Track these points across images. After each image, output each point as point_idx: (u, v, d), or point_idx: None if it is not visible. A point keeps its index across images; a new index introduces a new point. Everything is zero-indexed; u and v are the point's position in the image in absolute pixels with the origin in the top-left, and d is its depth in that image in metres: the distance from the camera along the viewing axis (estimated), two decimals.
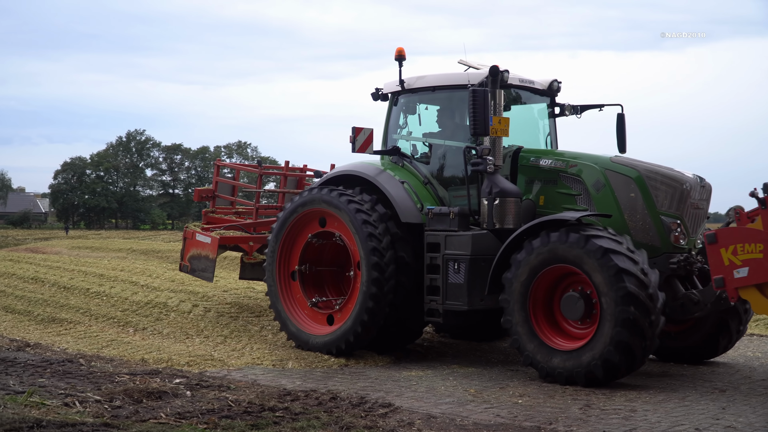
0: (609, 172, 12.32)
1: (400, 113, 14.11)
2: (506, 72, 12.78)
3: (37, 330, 15.45)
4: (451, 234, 12.59)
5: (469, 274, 12.32)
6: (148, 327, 15.42)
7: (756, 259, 10.52)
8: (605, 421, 9.34)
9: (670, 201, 12.14)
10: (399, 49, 13.66)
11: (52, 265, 21.93)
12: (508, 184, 12.56)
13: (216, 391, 10.31)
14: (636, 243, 11.88)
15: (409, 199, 13.23)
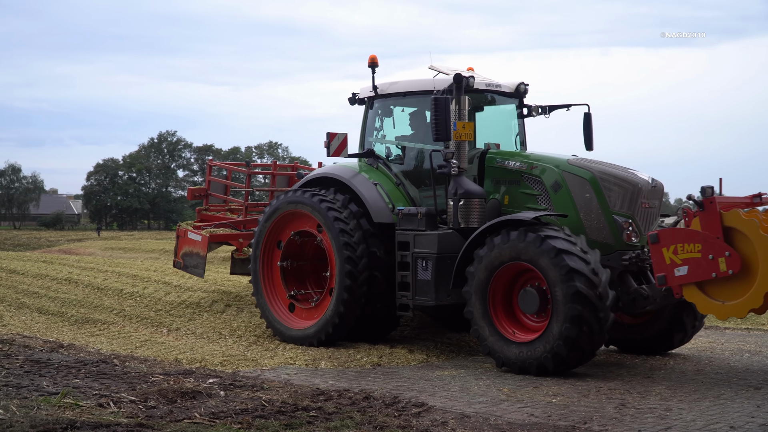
0: (566, 173, 12.94)
1: (375, 117, 14.76)
2: (471, 78, 13.38)
3: (71, 331, 15.56)
4: (419, 233, 13.38)
5: (436, 271, 13.12)
6: (182, 327, 15.50)
7: (694, 258, 11.20)
8: (640, 420, 9.29)
9: (622, 201, 12.74)
10: (372, 56, 14.35)
11: (86, 266, 22.07)
12: (473, 185, 13.26)
13: (249, 390, 10.33)
14: (591, 241, 12.50)
15: (381, 199, 14.00)
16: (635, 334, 13.90)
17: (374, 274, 13.81)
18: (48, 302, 17.80)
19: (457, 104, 13.17)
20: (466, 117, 13.22)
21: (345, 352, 13.39)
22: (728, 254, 11.02)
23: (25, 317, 16.73)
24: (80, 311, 16.88)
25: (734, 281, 11.09)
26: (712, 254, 11.12)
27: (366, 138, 14.87)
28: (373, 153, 14.66)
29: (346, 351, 13.48)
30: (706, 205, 11.22)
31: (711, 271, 11.13)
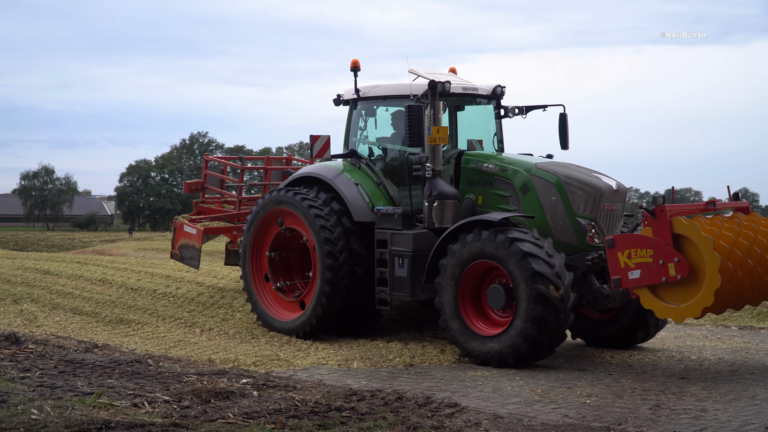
0: (534, 177, 13.54)
1: (359, 118, 15.41)
2: (447, 83, 14.02)
3: (105, 331, 15.64)
4: (396, 232, 14.06)
5: (411, 268, 13.80)
6: (215, 327, 15.56)
7: (646, 262, 11.68)
8: (675, 421, 9.23)
9: (585, 204, 13.28)
10: (354, 60, 15.03)
11: (119, 267, 22.19)
12: (447, 187, 13.93)
13: (282, 391, 10.35)
14: (556, 242, 13.10)
15: (362, 199, 14.67)
16: (601, 329, 14.53)
17: (354, 270, 14.47)
18: (82, 303, 17.91)
19: (433, 109, 13.71)
20: (441, 122, 13.78)
21: (377, 353, 13.39)
22: (677, 260, 11.47)
23: (59, 318, 16.84)
24: (114, 311, 16.97)
25: (684, 285, 11.53)
26: (663, 259, 11.56)
27: (350, 138, 15.47)
28: (355, 153, 15.25)
29: (378, 351, 13.49)
30: (657, 213, 11.70)
31: (661, 275, 11.59)
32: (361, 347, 13.85)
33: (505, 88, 15.24)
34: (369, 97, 15.18)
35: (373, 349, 13.65)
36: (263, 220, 15.59)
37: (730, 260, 11.53)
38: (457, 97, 14.90)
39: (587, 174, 13.56)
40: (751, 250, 11.96)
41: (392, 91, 14.91)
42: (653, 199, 11.96)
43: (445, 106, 14.20)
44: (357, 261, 14.50)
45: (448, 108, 15.06)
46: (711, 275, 11.25)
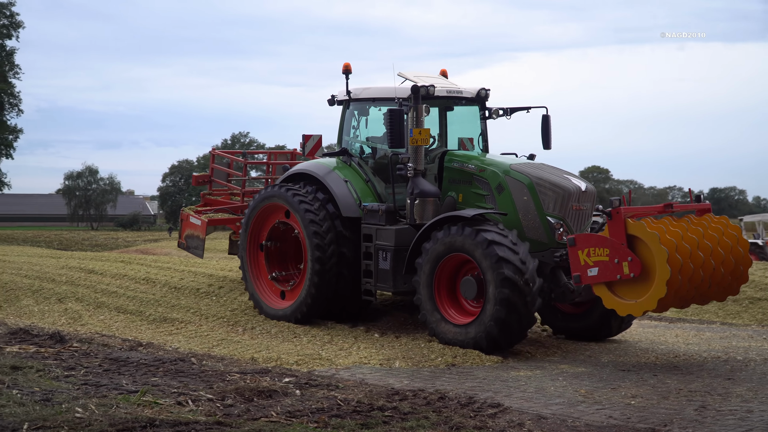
0: (508, 177, 14.34)
1: (351, 118, 16.28)
2: (431, 87, 14.80)
3: (149, 330, 15.74)
4: (380, 227, 15.02)
5: (394, 261, 14.72)
6: (257, 326, 15.61)
7: (603, 261, 12.46)
8: (721, 422, 9.13)
9: (554, 204, 14.05)
10: (346, 64, 15.90)
11: (163, 266, 22.33)
12: (428, 186, 14.78)
13: (325, 390, 10.36)
14: (527, 239, 13.92)
15: (350, 195, 15.61)
16: (575, 322, 15.26)
17: (342, 262, 15.48)
18: (126, 301, 18.03)
19: (415, 113, 14.52)
20: (423, 124, 14.55)
21: (419, 352, 13.37)
22: (630, 259, 12.22)
23: (103, 316, 16.96)
24: (158, 310, 17.08)
25: (637, 282, 12.28)
26: (618, 258, 12.32)
27: (343, 137, 16.38)
28: (346, 151, 16.16)
29: (420, 351, 13.47)
30: (613, 215, 12.43)
31: (616, 273, 12.34)
32: (402, 347, 13.83)
33: (489, 91, 16.06)
34: (360, 98, 16.04)
35: (415, 349, 13.62)
36: (259, 214, 16.65)
37: (679, 253, 12.16)
38: (442, 100, 15.67)
39: (558, 175, 14.32)
40: (701, 243, 12.61)
41: (380, 93, 15.74)
42: (610, 202, 12.64)
43: (428, 108, 14.79)
44: (345, 254, 15.48)
45: (438, 109, 16.00)
46: (660, 267, 11.93)
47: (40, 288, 19.48)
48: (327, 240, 15.41)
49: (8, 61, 63.91)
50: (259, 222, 16.77)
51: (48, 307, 17.91)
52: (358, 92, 16.06)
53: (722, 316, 19.39)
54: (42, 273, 21.51)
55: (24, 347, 12.90)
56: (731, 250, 13.13)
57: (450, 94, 15.65)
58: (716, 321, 18.85)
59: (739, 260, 13.25)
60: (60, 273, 21.49)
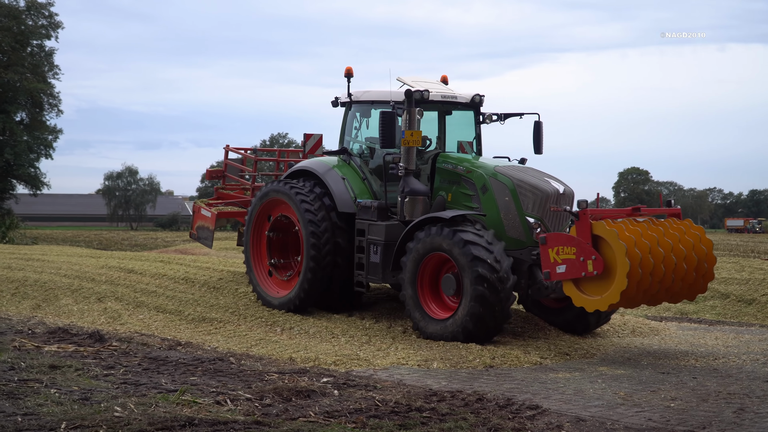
0: (492, 179, 15.21)
1: (353, 119, 17.25)
2: (426, 92, 15.71)
3: (188, 329, 15.82)
4: (372, 223, 16.02)
5: (383, 255, 15.72)
6: (295, 326, 15.65)
7: (571, 259, 13.31)
8: (759, 424, 9.07)
9: (533, 205, 14.88)
10: (348, 68, 16.86)
11: (202, 266, 22.42)
12: (418, 185, 15.71)
13: (363, 390, 10.37)
14: (508, 238, 14.87)
15: (347, 192, 16.60)
16: (555, 316, 16.05)
17: (337, 255, 16.47)
18: (165, 301, 18.13)
19: (408, 116, 15.41)
20: (415, 126, 15.42)
21: (457, 353, 13.36)
22: (594, 258, 13.07)
23: (143, 316, 17.07)
24: (197, 310, 17.16)
25: (600, 280, 13.14)
26: (583, 257, 13.17)
27: (344, 137, 17.36)
28: (346, 150, 17.13)
29: (458, 352, 13.46)
30: (580, 216, 13.31)
31: (581, 270, 13.20)
32: (440, 347, 13.83)
33: (483, 96, 16.89)
34: (360, 101, 17.04)
35: (453, 350, 13.61)
36: (262, 208, 17.73)
37: (638, 248, 12.99)
38: (437, 104, 16.64)
39: (539, 178, 15.18)
40: (661, 241, 13.44)
41: (378, 96, 16.75)
42: (578, 203, 13.56)
43: (421, 111, 15.69)
44: (340, 247, 16.49)
45: (437, 113, 17.04)
46: (620, 261, 12.82)
47: (79, 287, 19.63)
48: (322, 233, 16.38)
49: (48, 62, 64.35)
50: (262, 215, 17.83)
51: (87, 306, 18.04)
52: (359, 95, 17.07)
53: (761, 319, 19.22)
54: (81, 272, 21.68)
55: (63, 346, 13.01)
56: (693, 247, 13.88)
57: (445, 99, 16.51)
58: (755, 323, 18.69)
59: (702, 257, 13.96)
60: (99, 272, 21.65)
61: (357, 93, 17.12)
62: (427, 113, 16.83)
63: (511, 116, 17.06)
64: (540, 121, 16.90)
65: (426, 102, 15.90)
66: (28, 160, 62.11)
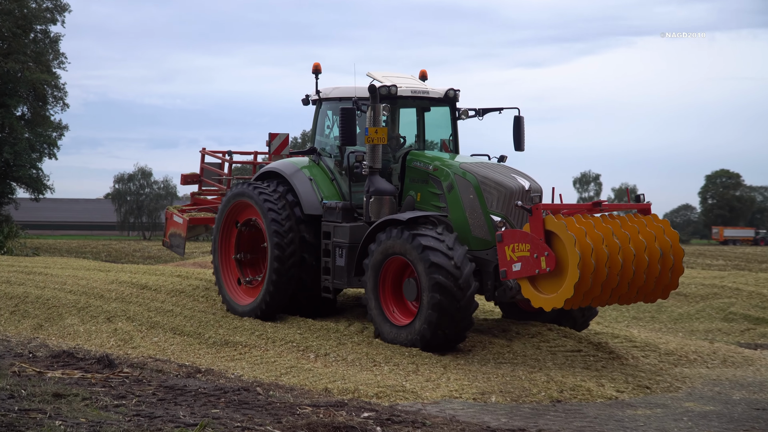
0: (457, 177, 16.39)
1: (324, 117, 18.72)
2: (393, 87, 17.12)
3: (209, 354, 15.84)
4: (337, 225, 17.41)
5: (348, 258, 17.03)
6: (331, 352, 15.63)
7: (525, 256, 14.35)
8: None
9: (497, 202, 15.99)
10: (315, 64, 18.39)
11: None
12: (385, 184, 16.97)
13: (410, 427, 10.32)
14: (474, 237, 16.03)
15: (314, 193, 18.02)
16: (532, 319, 17.43)
17: (304, 259, 17.88)
18: (183, 321, 18.17)
19: (373, 112, 16.58)
20: (380, 123, 16.64)
21: (519, 385, 13.27)
22: (547, 254, 14.09)
23: (157, 338, 17.12)
24: (219, 332, 17.19)
25: (553, 277, 14.16)
26: (537, 253, 14.21)
27: (316, 136, 18.86)
28: (314, 150, 18.62)
29: (520, 383, 13.38)
30: (533, 211, 14.31)
31: (535, 268, 14.24)
32: (499, 378, 13.76)
33: (458, 91, 18.24)
34: (330, 98, 18.46)
35: (514, 381, 13.53)
36: (230, 212, 19.23)
37: (589, 237, 13.90)
38: (409, 101, 17.97)
39: (505, 174, 16.29)
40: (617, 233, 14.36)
41: (345, 93, 18.03)
42: (530, 199, 15.10)
43: (388, 108, 16.90)
44: (307, 251, 17.91)
45: (416, 110, 18.38)
46: (571, 252, 13.80)
47: (86, 305, 19.75)
48: (287, 236, 17.80)
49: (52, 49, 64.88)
50: (230, 220, 19.35)
51: (95, 326, 18.14)
52: (328, 92, 18.49)
53: None
54: (88, 288, 21.81)
55: (68, 372, 13.08)
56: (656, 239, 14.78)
57: (415, 95, 17.84)
58: None
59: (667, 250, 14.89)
60: (109, 288, 21.77)
61: (326, 90, 18.53)
62: (405, 111, 18.32)
63: (490, 111, 18.37)
64: (521, 116, 18.18)
65: (394, 98, 17.28)
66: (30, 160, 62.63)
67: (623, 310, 23.81)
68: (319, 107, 18.80)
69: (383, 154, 17.41)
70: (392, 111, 17.98)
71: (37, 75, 61.81)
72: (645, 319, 22.90)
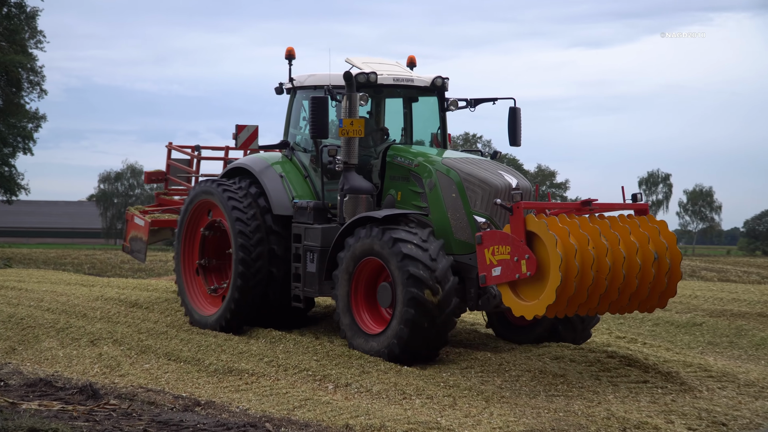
0: (439, 173, 17.17)
1: (299, 108, 19.46)
2: (372, 74, 17.80)
3: (210, 384, 15.84)
4: (308, 226, 18.19)
5: (320, 263, 17.79)
6: (353, 382, 15.60)
7: (505, 259, 14.81)
8: None
9: (481, 201, 16.74)
10: (289, 48, 19.12)
11: None
12: (361, 181, 17.73)
13: None
14: (456, 240, 16.80)
15: (284, 192, 18.80)
16: (526, 335, 18.23)
17: (272, 263, 18.72)
18: (179, 345, 18.20)
19: (349, 101, 17.29)
20: (356, 114, 17.33)
21: (575, 421, 13.24)
22: (527, 257, 14.56)
23: (149, 365, 17.14)
24: (221, 358, 17.19)
25: (535, 282, 14.62)
26: (517, 256, 14.67)
27: (290, 129, 19.69)
28: (287, 144, 19.51)
29: (576, 420, 13.35)
30: (514, 210, 14.80)
31: (515, 272, 14.71)
32: (551, 414, 13.72)
33: (447, 79, 18.94)
34: (304, 86, 19.25)
35: (569, 417, 13.50)
36: (193, 212, 20.12)
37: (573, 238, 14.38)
38: (392, 90, 18.76)
39: (491, 171, 17.04)
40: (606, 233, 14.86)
41: (321, 81, 18.66)
42: (510, 197, 15.30)
43: (366, 97, 17.74)
44: (275, 255, 18.73)
45: (402, 100, 19.18)
46: (552, 253, 14.25)
47: (66, 326, 19.82)
48: (253, 238, 18.60)
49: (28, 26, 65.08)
50: (194, 221, 20.23)
51: (77, 350, 18.19)
52: (302, 80, 19.29)
53: None
54: (69, 306, 21.88)
55: (46, 404, 13.11)
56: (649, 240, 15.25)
57: (398, 83, 18.53)
58: None
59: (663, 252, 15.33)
60: (93, 306, 21.85)
61: (300, 77, 19.34)
62: (391, 101, 19.08)
63: (483, 102, 19.20)
64: (516, 107, 19.00)
65: (374, 86, 18.03)
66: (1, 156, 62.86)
67: (697, 334, 23.73)
68: (294, 96, 19.60)
69: (364, 148, 18.18)
70: (377, 101, 18.85)
71: (10, 56, 62.04)
72: (722, 345, 22.78)
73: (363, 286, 16.96)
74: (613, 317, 23.71)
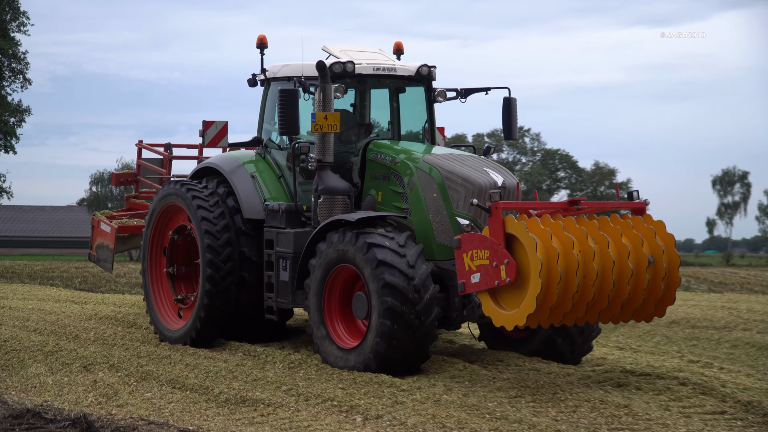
0: (419, 171, 17.85)
1: (273, 101, 19.86)
2: (350, 63, 18.62)
3: (220, 415, 15.84)
4: (280, 231, 18.84)
5: (293, 271, 18.44)
6: (384, 414, 15.56)
7: (484, 265, 15.22)
8: None
9: (464, 202, 17.24)
10: (260, 36, 19.99)
11: None
12: (336, 181, 18.31)
13: None
14: (439, 245, 17.43)
15: (255, 193, 19.57)
16: (521, 347, 18.86)
17: (243, 270, 19.58)
18: (185, 371, 18.23)
19: (322, 94, 17.93)
20: (331, 107, 18.00)
21: None
22: (507, 262, 14.97)
23: (151, 393, 17.16)
24: (233, 386, 17.20)
25: (514, 289, 15.08)
26: (496, 261, 15.10)
27: (263, 125, 20.52)
28: (259, 141, 20.37)
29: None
30: (492, 211, 15.25)
31: (494, 279, 15.15)
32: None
33: (434, 68, 19.65)
34: (278, 77, 19.96)
35: None
36: (160, 216, 21.01)
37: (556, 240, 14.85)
38: (372, 80, 19.54)
39: (475, 168, 17.62)
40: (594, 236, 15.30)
41: (294, 72, 19.35)
42: (489, 196, 15.72)
43: (343, 89, 18.32)
44: (247, 262, 19.56)
45: (389, 90, 19.97)
46: (532, 257, 14.69)
47: (56, 349, 19.89)
48: (220, 239, 19.42)
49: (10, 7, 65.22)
50: (161, 226, 21.17)
51: (68, 377, 18.25)
52: (276, 70, 20.04)
53: None
54: (59, 326, 21.97)
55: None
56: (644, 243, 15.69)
57: (378, 72, 19.26)
58: None
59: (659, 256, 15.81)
60: (86, 327, 21.93)
61: (273, 68, 20.12)
62: (377, 92, 19.91)
63: (474, 92, 20.02)
64: (511, 98, 19.65)
65: (351, 76, 18.84)
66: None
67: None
68: (267, 88, 20.38)
69: (345, 144, 19.14)
70: (361, 93, 19.67)
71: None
72: None
73: (337, 296, 17.59)
74: (685, 338, 23.67)
